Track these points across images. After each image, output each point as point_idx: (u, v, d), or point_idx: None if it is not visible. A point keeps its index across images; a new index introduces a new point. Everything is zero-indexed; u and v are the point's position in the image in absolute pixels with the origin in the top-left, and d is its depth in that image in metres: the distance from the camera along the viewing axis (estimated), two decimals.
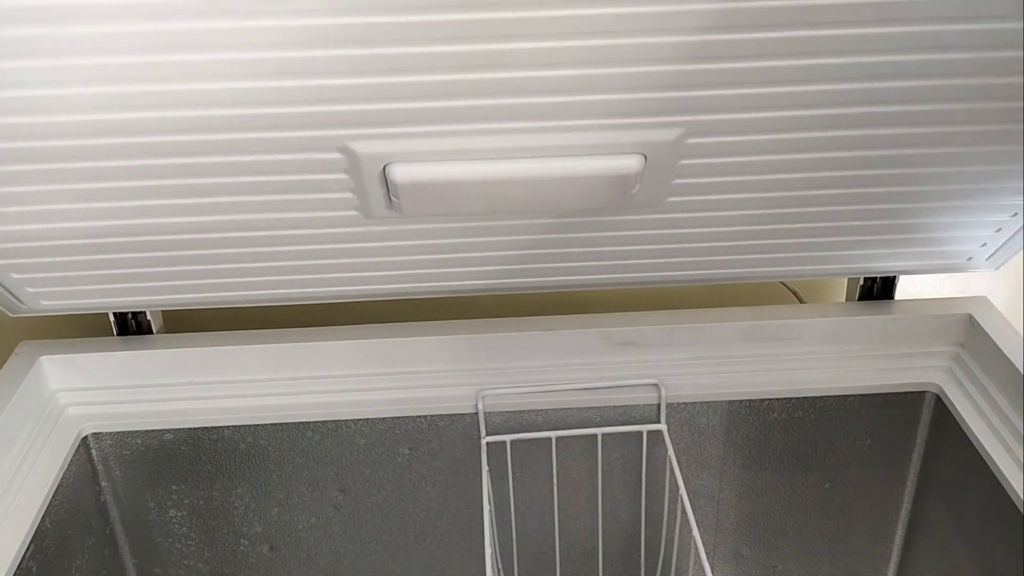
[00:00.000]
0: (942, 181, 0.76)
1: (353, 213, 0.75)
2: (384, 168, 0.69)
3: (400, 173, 0.68)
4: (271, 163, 0.69)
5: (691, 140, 0.69)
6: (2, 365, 0.89)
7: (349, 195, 0.73)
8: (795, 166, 0.73)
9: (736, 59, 0.62)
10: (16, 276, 0.81)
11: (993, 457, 0.80)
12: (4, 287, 0.82)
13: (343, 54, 0.59)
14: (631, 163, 0.69)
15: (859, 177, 0.75)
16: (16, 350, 0.91)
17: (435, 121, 0.65)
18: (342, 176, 0.70)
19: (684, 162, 0.71)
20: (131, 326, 0.93)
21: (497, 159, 0.69)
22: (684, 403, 0.91)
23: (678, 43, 0.60)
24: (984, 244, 0.85)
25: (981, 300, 0.94)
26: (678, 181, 0.74)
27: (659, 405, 0.90)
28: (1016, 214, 0.81)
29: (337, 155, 0.68)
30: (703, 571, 0.74)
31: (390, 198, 0.72)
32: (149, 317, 0.93)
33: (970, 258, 0.88)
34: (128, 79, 0.60)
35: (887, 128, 0.69)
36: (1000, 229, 0.83)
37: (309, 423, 0.91)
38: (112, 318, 0.92)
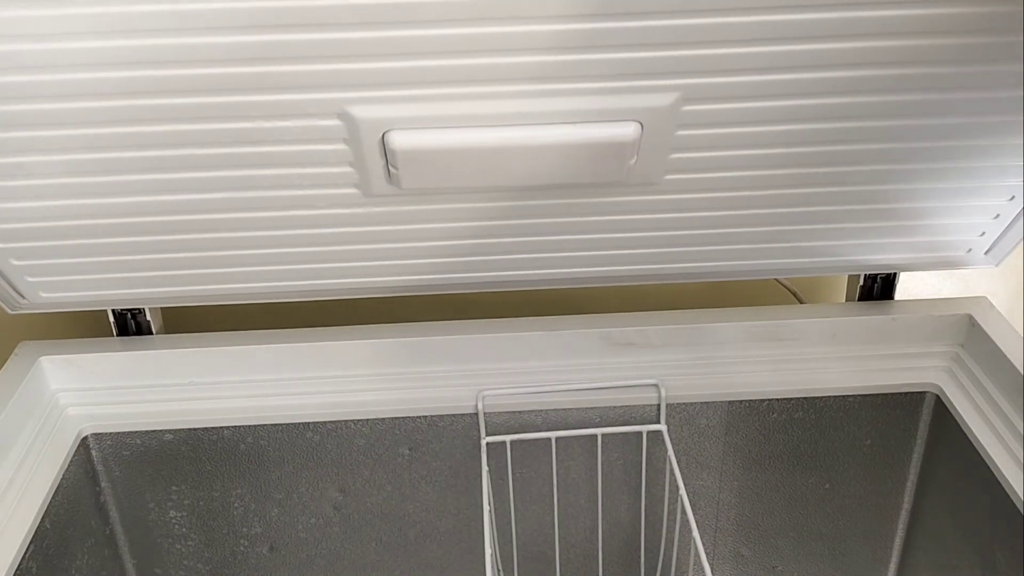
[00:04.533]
0: (939, 157, 0.76)
1: (353, 191, 0.75)
2: (383, 136, 0.69)
3: (399, 140, 0.69)
4: (271, 131, 0.69)
5: (687, 107, 0.69)
6: (2, 365, 0.89)
7: (349, 169, 0.73)
8: (791, 139, 0.73)
9: (729, 14, 0.62)
10: (16, 263, 0.81)
11: (993, 457, 0.80)
12: (4, 277, 0.82)
13: (340, 4, 0.59)
14: (628, 131, 0.70)
15: (855, 152, 0.75)
16: (16, 350, 0.91)
17: (433, 83, 0.66)
18: (342, 146, 0.71)
19: (681, 133, 0.72)
20: (131, 326, 0.93)
21: (495, 126, 0.69)
22: (684, 403, 0.91)
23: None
24: (983, 233, 0.85)
25: (981, 300, 0.94)
26: (675, 155, 0.74)
27: (659, 405, 0.90)
28: (1014, 197, 0.80)
29: (336, 122, 0.69)
30: (703, 571, 0.74)
31: (389, 170, 0.72)
32: (149, 317, 0.93)
33: (969, 250, 0.88)
34: (125, 36, 0.60)
35: (883, 96, 0.69)
36: (998, 216, 0.83)
37: (309, 423, 0.91)
38: (112, 318, 0.92)
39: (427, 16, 0.60)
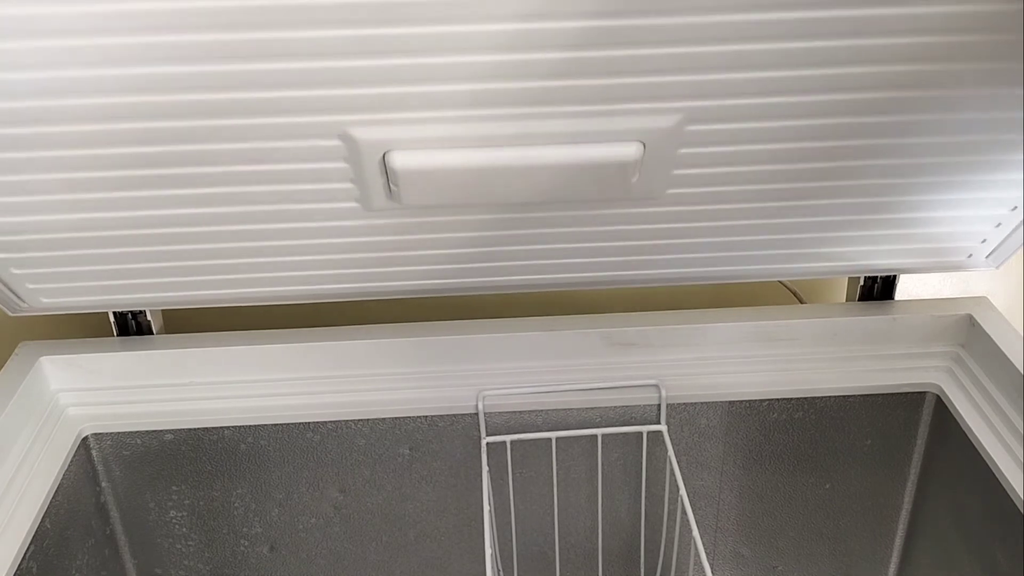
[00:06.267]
0: (941, 172, 0.76)
1: (353, 205, 0.75)
2: (384, 156, 0.69)
3: (400, 160, 0.69)
4: (271, 151, 0.69)
5: (690, 127, 0.69)
6: (2, 365, 0.89)
7: (349, 185, 0.73)
8: (794, 156, 0.73)
9: (733, 42, 0.62)
10: (16, 271, 0.81)
11: (993, 457, 0.80)
12: (4, 284, 0.82)
13: (341, 35, 0.59)
14: (630, 151, 0.69)
15: (858, 168, 0.75)
16: (16, 351, 0.91)
17: (434, 106, 0.65)
18: (342, 165, 0.71)
19: (683, 151, 0.71)
20: (131, 326, 0.93)
21: (496, 146, 0.69)
22: (684, 403, 0.91)
23: (675, 25, 0.60)
24: (984, 240, 0.85)
25: (981, 300, 0.94)
26: (678, 172, 0.74)
27: (659, 405, 0.90)
28: (1016, 208, 0.80)
29: (337, 142, 0.68)
30: (703, 571, 0.74)
31: (390, 187, 0.72)
32: (149, 317, 0.93)
33: (970, 255, 0.88)
34: (127, 61, 0.60)
35: (886, 116, 0.69)
36: (1000, 224, 0.83)
37: (309, 423, 0.91)
38: (112, 318, 0.92)
39: (428, 46, 0.60)
